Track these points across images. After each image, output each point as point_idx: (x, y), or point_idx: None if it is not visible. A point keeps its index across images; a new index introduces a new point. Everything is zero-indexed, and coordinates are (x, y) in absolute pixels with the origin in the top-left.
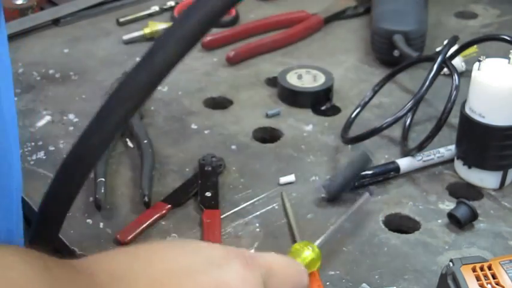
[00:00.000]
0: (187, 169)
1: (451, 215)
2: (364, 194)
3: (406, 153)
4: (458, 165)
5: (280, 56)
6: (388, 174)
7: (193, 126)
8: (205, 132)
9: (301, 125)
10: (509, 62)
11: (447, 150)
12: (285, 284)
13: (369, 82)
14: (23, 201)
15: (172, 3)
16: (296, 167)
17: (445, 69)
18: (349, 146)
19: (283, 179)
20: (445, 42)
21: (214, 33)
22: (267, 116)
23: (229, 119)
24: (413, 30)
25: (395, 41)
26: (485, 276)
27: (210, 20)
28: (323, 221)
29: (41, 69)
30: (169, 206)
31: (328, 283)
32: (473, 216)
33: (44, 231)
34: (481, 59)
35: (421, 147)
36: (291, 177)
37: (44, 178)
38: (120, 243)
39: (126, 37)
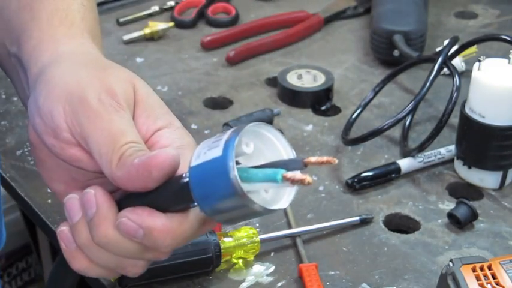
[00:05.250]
0: None
1: (451, 215)
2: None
3: (406, 153)
4: (458, 165)
5: (280, 56)
6: (390, 176)
7: (193, 126)
8: (205, 132)
9: (301, 125)
10: (509, 62)
11: (448, 152)
12: None
13: (369, 82)
14: (23, 201)
15: (172, 3)
16: None
17: (445, 69)
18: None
19: None
20: (445, 42)
21: (214, 33)
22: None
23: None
24: (413, 30)
25: (395, 41)
26: (485, 276)
27: None
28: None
29: None
30: None
31: (328, 283)
32: (473, 216)
33: None
34: (481, 59)
35: (421, 148)
36: None
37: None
38: None
39: (126, 37)
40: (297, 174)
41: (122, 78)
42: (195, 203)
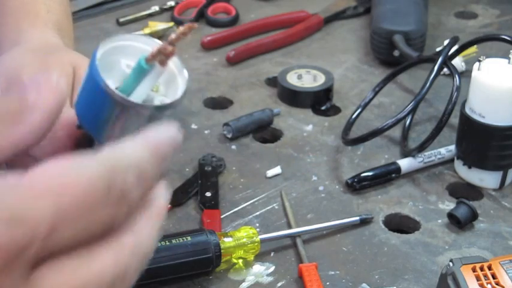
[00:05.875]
0: (187, 169)
1: (451, 215)
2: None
3: (406, 153)
4: (458, 165)
5: (280, 56)
6: (390, 176)
7: (193, 126)
8: (205, 132)
9: (301, 125)
10: (509, 62)
11: (448, 152)
12: None
13: (369, 82)
14: None
15: (172, 3)
16: (296, 167)
17: (445, 69)
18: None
19: (270, 172)
20: (445, 42)
21: (214, 33)
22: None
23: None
24: (413, 30)
25: (395, 41)
26: (485, 276)
27: None
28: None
29: None
30: (169, 206)
31: (328, 283)
32: (473, 216)
33: None
34: (481, 59)
35: (421, 148)
36: (277, 170)
37: None
38: None
39: None
40: (153, 49)
41: (63, 60)
42: (95, 141)
